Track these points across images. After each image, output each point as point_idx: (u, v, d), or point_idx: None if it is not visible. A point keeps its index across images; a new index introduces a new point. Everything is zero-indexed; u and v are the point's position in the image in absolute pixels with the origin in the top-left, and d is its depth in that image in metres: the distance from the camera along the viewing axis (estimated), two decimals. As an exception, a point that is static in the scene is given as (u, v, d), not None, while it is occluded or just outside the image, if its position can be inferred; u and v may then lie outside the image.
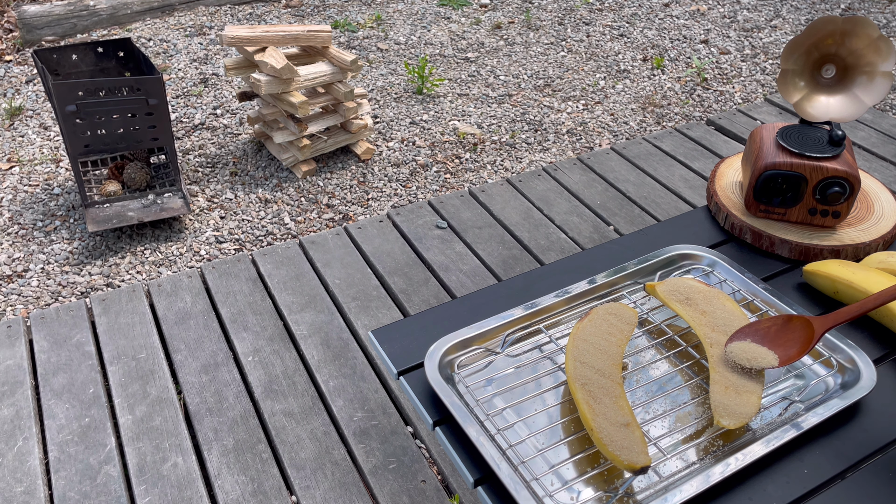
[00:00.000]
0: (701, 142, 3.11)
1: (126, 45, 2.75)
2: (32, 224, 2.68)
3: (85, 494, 1.76)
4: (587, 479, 0.94)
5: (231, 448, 1.87)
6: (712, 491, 0.92)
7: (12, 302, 2.36)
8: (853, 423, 1.01)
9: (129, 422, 1.93)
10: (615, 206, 2.73)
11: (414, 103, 3.46)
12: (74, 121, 2.43)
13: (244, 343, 2.16)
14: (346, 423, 1.93)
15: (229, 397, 2.01)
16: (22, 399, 1.99)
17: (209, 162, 3.04)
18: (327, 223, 2.72)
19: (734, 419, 0.96)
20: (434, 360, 1.06)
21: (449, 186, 2.91)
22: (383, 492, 1.77)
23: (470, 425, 0.96)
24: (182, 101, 3.44)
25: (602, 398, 0.96)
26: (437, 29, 4.15)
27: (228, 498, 1.76)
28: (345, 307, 2.28)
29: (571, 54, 3.89)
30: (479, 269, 2.43)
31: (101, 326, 2.21)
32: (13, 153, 3.07)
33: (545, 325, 1.16)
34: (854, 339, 1.14)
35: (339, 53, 2.82)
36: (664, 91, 3.57)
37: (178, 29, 4.06)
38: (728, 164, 1.50)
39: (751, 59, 3.84)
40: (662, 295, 1.15)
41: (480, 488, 0.93)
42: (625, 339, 1.06)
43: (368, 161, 3.04)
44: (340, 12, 4.32)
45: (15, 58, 3.77)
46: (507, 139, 3.21)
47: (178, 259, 2.54)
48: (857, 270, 1.17)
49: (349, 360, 2.11)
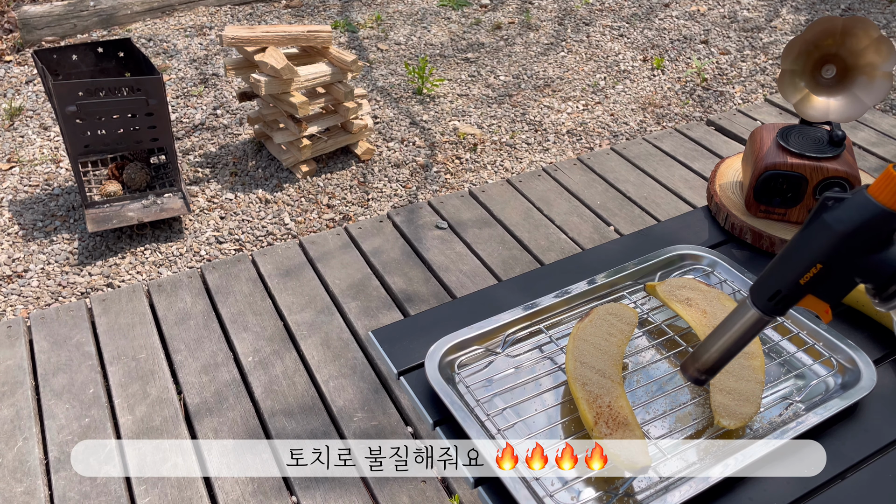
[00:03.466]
0: (701, 142, 3.11)
1: (126, 46, 2.75)
2: (32, 224, 2.68)
3: (85, 494, 1.76)
4: (587, 479, 0.94)
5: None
6: (712, 491, 0.92)
7: (12, 302, 2.36)
8: (853, 423, 1.01)
9: (129, 422, 1.93)
10: (615, 207, 2.73)
11: (414, 103, 3.45)
12: (74, 121, 2.43)
13: (244, 343, 2.16)
14: (346, 423, 1.93)
15: (229, 397, 2.01)
16: (22, 399, 1.99)
17: (209, 162, 3.04)
18: (327, 223, 2.72)
19: (734, 419, 0.96)
20: (434, 361, 1.06)
21: (449, 187, 2.91)
22: (383, 492, 1.77)
23: (470, 425, 0.96)
24: (182, 101, 3.44)
25: (602, 398, 0.96)
26: (437, 29, 4.15)
27: (228, 498, 1.76)
28: (345, 307, 2.28)
29: (571, 54, 3.89)
30: (479, 269, 2.43)
31: (101, 326, 2.21)
32: (13, 153, 3.07)
33: (545, 326, 1.16)
34: (854, 340, 1.14)
35: (339, 54, 2.82)
36: (664, 91, 3.57)
37: (178, 29, 4.06)
38: (728, 165, 1.50)
39: (751, 59, 3.84)
40: (663, 295, 1.15)
41: (480, 488, 0.93)
42: (625, 339, 1.06)
43: (368, 161, 3.04)
44: (340, 12, 4.32)
45: (15, 58, 3.77)
46: (507, 139, 3.21)
47: (178, 259, 2.54)
48: (857, 270, 1.17)
49: (349, 360, 2.11)
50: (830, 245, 0.77)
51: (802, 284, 0.79)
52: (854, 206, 0.75)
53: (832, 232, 0.76)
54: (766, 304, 0.82)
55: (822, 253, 0.77)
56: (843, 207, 0.76)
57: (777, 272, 0.81)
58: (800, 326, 1.13)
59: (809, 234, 0.78)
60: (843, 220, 0.76)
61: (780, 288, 0.80)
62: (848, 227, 0.75)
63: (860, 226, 0.75)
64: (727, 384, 1.01)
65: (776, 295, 0.81)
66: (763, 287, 0.82)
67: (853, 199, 0.76)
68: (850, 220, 0.75)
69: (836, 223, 0.76)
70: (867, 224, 0.75)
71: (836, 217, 0.76)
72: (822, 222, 0.77)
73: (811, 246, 0.78)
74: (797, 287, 0.80)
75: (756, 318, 0.83)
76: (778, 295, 0.81)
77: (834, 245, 0.76)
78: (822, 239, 0.77)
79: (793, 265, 0.79)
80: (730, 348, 0.86)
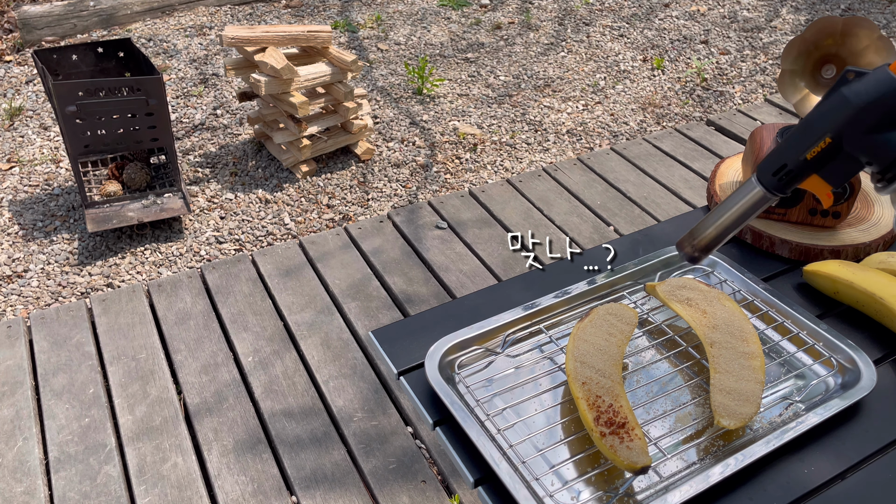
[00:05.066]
0: (701, 142, 3.11)
1: (126, 46, 2.75)
2: (32, 224, 2.68)
3: (85, 494, 1.76)
4: (587, 479, 0.94)
5: (231, 448, 1.87)
6: (712, 491, 0.92)
7: (12, 302, 2.36)
8: (853, 423, 1.01)
9: (129, 422, 1.93)
10: (615, 207, 2.73)
11: (414, 103, 3.46)
12: (74, 121, 2.43)
13: (244, 343, 2.16)
14: (346, 423, 1.93)
15: (229, 397, 2.01)
16: (22, 399, 1.99)
17: (209, 162, 3.04)
18: (327, 223, 2.72)
19: (734, 419, 0.96)
20: (434, 361, 1.06)
21: (449, 186, 2.91)
22: (383, 492, 1.77)
23: (470, 425, 0.96)
24: (182, 102, 3.44)
25: (602, 398, 0.96)
26: (437, 29, 4.15)
27: (228, 498, 1.76)
28: (345, 307, 2.28)
29: (571, 54, 3.89)
30: (479, 269, 2.43)
31: (101, 326, 2.21)
32: (13, 153, 3.07)
33: (545, 326, 1.16)
34: (854, 339, 1.14)
35: (339, 54, 2.82)
36: (664, 91, 3.57)
37: (178, 29, 4.06)
38: (728, 165, 1.50)
39: (751, 59, 3.84)
40: (662, 295, 1.15)
41: (480, 488, 0.93)
42: (625, 339, 1.06)
43: (368, 161, 3.04)
44: (340, 12, 4.32)
45: (15, 58, 3.77)
46: (507, 139, 3.21)
47: (178, 259, 2.54)
48: (857, 271, 1.18)
49: (349, 360, 2.11)
50: (844, 117, 0.77)
51: (809, 160, 0.79)
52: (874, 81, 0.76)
53: (848, 104, 0.77)
54: (771, 179, 0.82)
55: (834, 125, 0.78)
56: (862, 81, 0.77)
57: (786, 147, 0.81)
58: (800, 326, 1.13)
59: (826, 107, 0.79)
60: (861, 93, 0.76)
61: (787, 162, 0.81)
62: (864, 100, 0.76)
63: (877, 99, 0.76)
64: (727, 384, 1.01)
65: (782, 169, 0.81)
66: (770, 162, 0.83)
67: (874, 74, 0.77)
68: (868, 94, 0.76)
69: (854, 96, 0.77)
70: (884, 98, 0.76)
71: (854, 90, 0.77)
72: (839, 95, 0.78)
73: (824, 118, 0.79)
74: (804, 162, 0.80)
75: (759, 195, 0.84)
76: (783, 169, 0.81)
77: (848, 118, 0.77)
78: (837, 111, 0.78)
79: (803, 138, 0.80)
80: (729, 226, 0.87)
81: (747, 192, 0.84)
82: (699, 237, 0.89)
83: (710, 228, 0.87)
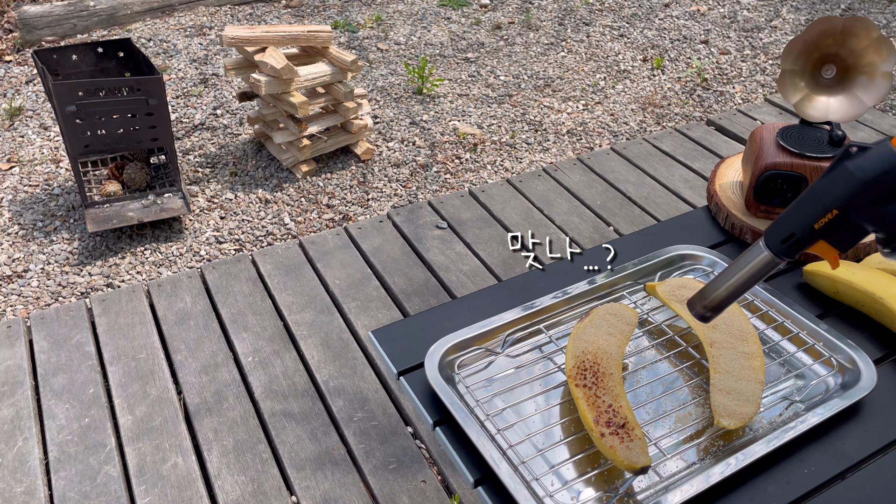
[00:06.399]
0: (701, 142, 3.11)
1: (126, 46, 2.75)
2: (32, 224, 2.68)
3: (85, 494, 1.76)
4: (587, 479, 0.94)
5: (231, 448, 1.87)
6: (712, 491, 0.92)
7: (12, 302, 2.36)
8: (853, 423, 1.01)
9: (129, 422, 1.93)
10: (615, 207, 2.73)
11: (414, 103, 3.46)
12: (74, 121, 2.43)
13: (244, 343, 2.16)
14: (346, 423, 1.93)
15: (229, 397, 2.01)
16: (22, 399, 1.99)
17: (209, 162, 3.04)
18: (327, 223, 2.72)
19: (734, 419, 0.96)
20: (434, 361, 1.06)
21: (449, 186, 2.91)
22: (383, 492, 1.77)
23: (470, 425, 0.96)
24: (182, 102, 3.44)
25: (602, 398, 0.96)
26: (437, 29, 4.15)
27: (228, 498, 1.76)
28: (345, 307, 2.28)
29: (571, 54, 3.89)
30: (479, 269, 2.43)
31: (101, 327, 2.21)
32: (13, 153, 3.07)
33: (545, 326, 1.16)
34: (854, 339, 1.14)
35: (339, 54, 2.82)
36: (664, 91, 3.57)
37: (178, 29, 4.06)
38: (728, 165, 1.50)
39: (751, 59, 3.84)
40: (663, 295, 1.15)
41: (480, 488, 0.93)
42: (625, 339, 1.06)
43: (368, 161, 3.04)
44: (340, 12, 4.32)
45: (15, 58, 3.77)
46: (507, 139, 3.20)
47: (178, 259, 2.54)
48: (857, 271, 1.18)
49: (349, 360, 2.11)
50: (850, 192, 0.79)
51: (817, 229, 0.82)
52: (877, 156, 0.78)
53: (853, 179, 0.79)
54: (780, 245, 0.85)
55: (840, 199, 0.80)
56: (865, 156, 0.79)
57: (793, 216, 0.84)
58: (800, 326, 1.13)
59: (830, 180, 0.81)
60: (865, 168, 0.78)
61: (795, 231, 0.83)
62: (869, 176, 0.78)
63: (881, 175, 0.78)
64: (727, 384, 1.01)
65: (790, 237, 0.84)
66: (778, 229, 0.85)
67: (876, 149, 0.79)
68: (872, 169, 0.78)
69: (858, 171, 0.79)
70: (888, 174, 0.78)
71: (858, 165, 0.79)
72: (843, 169, 0.80)
73: (830, 191, 0.81)
74: (811, 231, 0.82)
75: (767, 259, 0.86)
76: (792, 237, 0.84)
77: (853, 192, 0.79)
78: (843, 185, 0.80)
79: (810, 209, 0.82)
80: (738, 288, 0.89)
81: (756, 256, 0.87)
82: (709, 298, 0.92)
83: (720, 290, 0.91)
